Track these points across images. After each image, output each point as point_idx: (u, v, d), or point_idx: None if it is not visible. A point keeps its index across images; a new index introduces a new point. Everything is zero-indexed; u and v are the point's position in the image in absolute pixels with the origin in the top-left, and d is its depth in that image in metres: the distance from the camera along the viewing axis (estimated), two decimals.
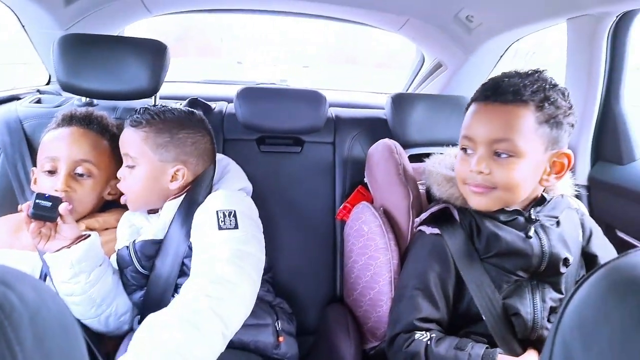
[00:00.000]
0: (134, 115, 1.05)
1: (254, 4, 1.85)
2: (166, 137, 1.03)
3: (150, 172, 1.03)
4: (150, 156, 1.03)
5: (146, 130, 1.03)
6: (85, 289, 0.93)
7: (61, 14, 1.50)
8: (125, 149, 1.05)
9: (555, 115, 0.86)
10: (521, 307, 0.90)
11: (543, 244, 0.91)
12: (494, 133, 0.87)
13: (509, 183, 0.88)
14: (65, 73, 1.27)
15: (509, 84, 0.87)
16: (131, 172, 1.04)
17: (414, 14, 1.68)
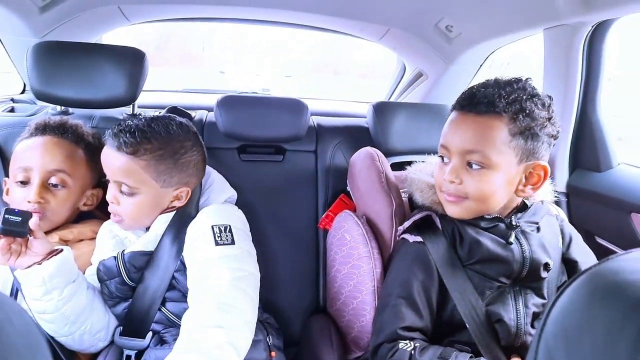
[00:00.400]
0: (123, 135, 0.95)
1: (234, 13, 1.84)
2: (169, 164, 0.99)
3: (152, 199, 1.00)
4: (152, 184, 0.98)
5: (145, 158, 0.96)
6: (58, 306, 0.89)
7: (36, 22, 1.47)
8: (119, 177, 0.97)
9: (531, 127, 0.86)
10: (504, 314, 0.90)
11: (524, 250, 0.91)
12: (466, 144, 0.88)
13: (480, 194, 0.88)
14: (39, 81, 1.24)
15: (484, 94, 0.87)
16: (128, 199, 0.98)
17: (395, 23, 1.70)
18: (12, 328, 0.34)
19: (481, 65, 1.74)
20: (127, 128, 0.97)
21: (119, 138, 0.96)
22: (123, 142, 0.95)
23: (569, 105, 1.26)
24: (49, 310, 0.89)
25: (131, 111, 1.39)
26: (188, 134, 1.03)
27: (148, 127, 0.98)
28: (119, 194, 0.98)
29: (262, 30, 2.67)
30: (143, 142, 0.96)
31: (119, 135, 0.96)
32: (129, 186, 0.97)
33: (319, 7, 1.64)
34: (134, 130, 0.96)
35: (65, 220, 1.09)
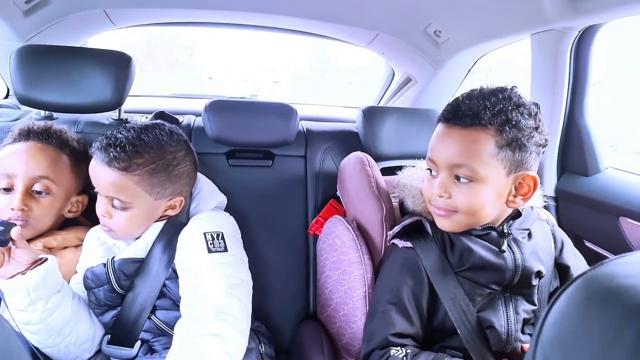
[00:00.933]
0: (113, 150, 0.92)
1: (222, 18, 1.83)
2: (162, 177, 0.97)
3: (145, 212, 0.98)
4: (145, 198, 0.96)
5: (138, 173, 0.93)
6: (43, 317, 0.86)
7: (20, 25, 1.44)
8: (110, 192, 0.95)
9: (518, 138, 0.84)
10: (495, 320, 0.90)
11: (516, 258, 0.91)
12: (453, 158, 0.86)
13: (469, 208, 0.87)
14: (23, 85, 1.21)
15: (469, 106, 0.85)
16: (121, 214, 0.96)
17: (384, 28, 1.70)
18: None
19: (469, 70, 1.76)
20: (116, 142, 0.93)
21: (109, 153, 0.92)
22: (114, 157, 0.92)
23: (556, 109, 1.27)
24: (34, 321, 0.86)
25: (117, 116, 1.37)
26: (180, 144, 1.02)
27: (138, 139, 0.94)
28: (111, 209, 0.96)
29: (249, 36, 2.67)
30: (135, 156, 0.93)
31: (108, 149, 0.92)
32: (122, 201, 0.95)
33: (308, 11, 1.64)
34: (124, 144, 0.92)
35: (49, 228, 1.06)
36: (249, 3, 1.59)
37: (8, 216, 0.99)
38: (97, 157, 0.94)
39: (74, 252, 1.05)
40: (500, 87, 0.89)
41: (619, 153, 2.39)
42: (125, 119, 1.38)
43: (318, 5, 1.58)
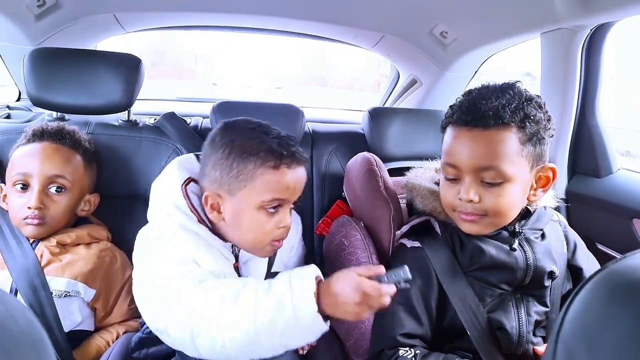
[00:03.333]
0: (294, 148, 0.87)
1: (229, 21, 1.85)
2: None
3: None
4: None
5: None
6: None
7: (32, 30, 1.47)
8: (296, 194, 0.90)
9: (537, 132, 0.84)
10: (506, 321, 0.88)
11: (528, 257, 0.90)
12: (479, 161, 0.84)
13: (500, 209, 0.85)
14: (35, 87, 1.23)
15: (488, 107, 0.83)
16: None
17: (389, 30, 1.70)
18: (14, 324, 0.34)
19: (476, 72, 1.75)
20: (290, 141, 0.88)
21: (294, 151, 0.87)
22: (299, 153, 0.88)
23: (567, 110, 1.26)
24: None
25: (127, 117, 1.38)
26: None
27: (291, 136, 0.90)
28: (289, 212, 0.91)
29: (253, 44, 2.71)
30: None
31: (290, 148, 0.86)
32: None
33: (313, 14, 1.65)
34: (296, 144, 0.89)
35: (64, 225, 1.09)
36: (255, 6, 1.60)
37: (25, 214, 1.02)
38: (287, 162, 0.85)
39: (87, 249, 1.07)
40: (508, 83, 0.88)
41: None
42: (135, 121, 1.39)
43: (324, 8, 1.59)
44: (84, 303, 1.04)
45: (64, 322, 0.99)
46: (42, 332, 0.38)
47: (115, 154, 1.28)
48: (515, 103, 0.83)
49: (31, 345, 0.35)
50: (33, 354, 0.35)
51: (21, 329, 0.34)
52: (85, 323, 1.05)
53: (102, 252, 1.09)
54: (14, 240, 1.03)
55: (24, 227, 1.03)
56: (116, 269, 1.10)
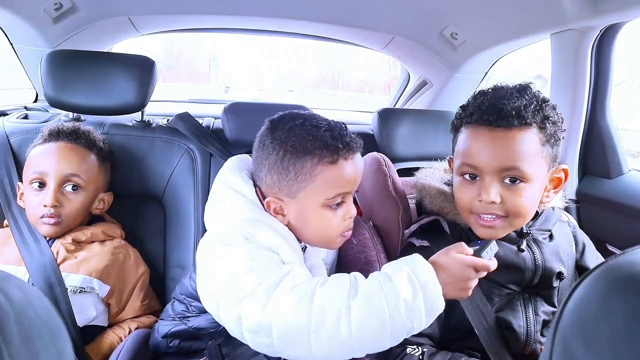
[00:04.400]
0: (347, 137, 0.83)
1: (242, 23, 1.87)
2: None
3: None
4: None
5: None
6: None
7: (49, 32, 1.50)
8: (357, 184, 0.87)
9: (555, 133, 0.84)
10: (514, 321, 0.88)
11: (536, 258, 0.89)
12: (502, 162, 0.82)
13: (520, 210, 0.84)
14: (53, 88, 1.27)
15: (511, 106, 0.81)
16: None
17: (399, 32, 1.71)
18: (33, 312, 0.34)
19: (486, 73, 1.75)
20: (342, 130, 0.85)
21: (349, 141, 0.83)
22: (354, 141, 0.85)
23: (577, 111, 1.25)
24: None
25: (140, 118, 1.41)
26: None
27: (339, 123, 0.87)
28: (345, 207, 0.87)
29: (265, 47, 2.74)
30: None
31: (344, 138, 0.83)
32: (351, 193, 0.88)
33: (325, 17, 1.66)
34: (344, 126, 0.87)
35: (78, 224, 1.11)
36: (267, 9, 1.62)
37: (42, 213, 1.04)
38: (344, 154, 0.82)
39: (101, 246, 1.10)
40: (524, 84, 0.87)
41: None
42: (148, 121, 1.42)
43: (336, 10, 1.60)
44: (99, 299, 1.06)
45: (79, 317, 1.01)
46: (59, 321, 0.39)
47: (129, 154, 1.31)
48: (534, 104, 0.83)
49: (50, 333, 0.36)
50: (52, 341, 0.36)
51: (40, 317, 0.35)
52: (99, 318, 1.07)
53: (116, 249, 1.11)
54: (31, 237, 1.06)
55: (40, 225, 1.06)
56: (129, 265, 1.13)
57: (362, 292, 0.70)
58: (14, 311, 0.32)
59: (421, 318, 0.70)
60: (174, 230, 1.29)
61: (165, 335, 0.97)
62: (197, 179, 1.31)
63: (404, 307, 0.69)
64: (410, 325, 0.70)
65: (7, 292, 0.33)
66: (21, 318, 0.33)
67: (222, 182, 0.89)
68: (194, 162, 1.32)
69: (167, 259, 1.27)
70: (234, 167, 0.91)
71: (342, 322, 0.68)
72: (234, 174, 0.89)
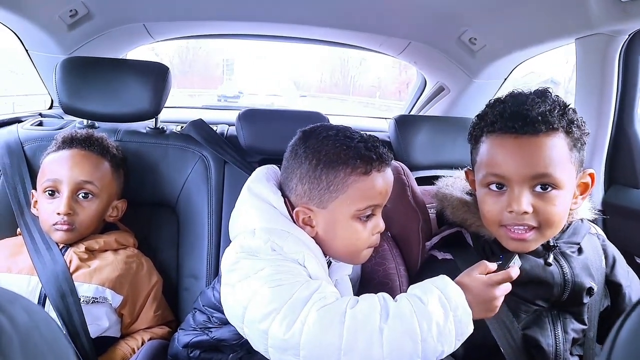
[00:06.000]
0: (383, 152, 0.83)
1: (256, 29, 1.86)
2: None
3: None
4: None
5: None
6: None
7: (64, 39, 1.51)
8: (387, 197, 0.86)
9: (580, 137, 0.82)
10: (542, 339, 0.85)
11: (565, 272, 0.86)
12: (532, 169, 0.79)
13: (553, 219, 0.81)
14: (67, 95, 1.26)
15: (536, 112, 0.79)
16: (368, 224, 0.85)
17: (416, 37, 1.68)
18: (39, 336, 0.34)
19: (506, 79, 1.71)
20: (375, 142, 0.84)
21: (383, 155, 0.83)
22: (388, 156, 0.84)
23: (604, 118, 1.21)
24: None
25: (154, 125, 1.40)
26: None
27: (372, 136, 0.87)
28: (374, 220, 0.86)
29: (278, 53, 2.75)
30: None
31: (380, 151, 0.83)
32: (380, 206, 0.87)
33: (340, 22, 1.64)
34: (380, 143, 0.85)
35: (93, 231, 1.10)
36: (282, 15, 1.61)
37: (55, 220, 1.03)
38: (377, 165, 0.82)
39: (114, 255, 1.08)
40: (542, 89, 0.84)
41: None
42: (162, 128, 1.41)
43: (351, 16, 1.58)
44: (112, 309, 1.05)
45: (91, 327, 0.99)
46: (67, 344, 0.37)
47: (143, 161, 1.30)
48: (558, 108, 0.80)
49: (55, 357, 0.35)
50: None
51: (46, 341, 0.34)
52: (111, 329, 1.05)
53: (129, 258, 1.10)
54: (43, 246, 1.05)
55: (53, 232, 1.05)
56: (142, 275, 1.11)
57: (394, 314, 0.68)
58: (18, 336, 0.31)
59: (452, 342, 0.69)
60: (187, 239, 1.27)
61: (186, 345, 0.95)
62: (210, 187, 1.29)
63: (436, 330, 0.67)
64: (441, 349, 0.68)
65: (12, 316, 0.32)
66: (26, 344, 0.31)
67: (250, 192, 0.87)
68: (208, 169, 1.31)
69: (180, 269, 1.25)
70: (262, 177, 0.90)
71: (374, 345, 0.66)
72: (262, 183, 0.87)
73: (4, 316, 0.31)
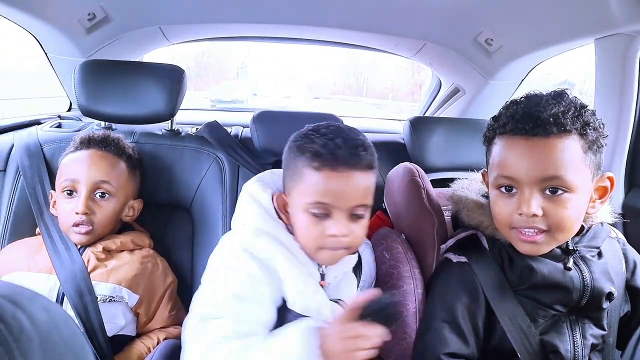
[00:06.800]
0: (361, 151, 0.81)
1: (271, 32, 1.87)
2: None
3: (368, 221, 0.88)
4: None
5: (373, 172, 0.86)
6: None
7: (83, 42, 1.54)
8: (363, 200, 0.83)
9: (597, 139, 0.80)
10: (560, 344, 0.83)
11: (585, 277, 0.84)
12: (542, 172, 0.78)
13: (565, 223, 0.80)
14: (85, 98, 1.28)
15: (548, 113, 0.78)
16: (360, 223, 0.85)
17: (431, 38, 1.67)
18: (58, 335, 0.34)
19: (523, 80, 1.68)
20: (351, 143, 0.82)
21: (359, 154, 0.81)
22: (366, 159, 0.82)
23: (624, 119, 1.19)
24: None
25: (169, 127, 1.41)
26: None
27: (363, 138, 0.86)
28: (351, 222, 0.83)
29: (292, 55, 2.75)
30: (371, 148, 0.85)
31: (356, 150, 0.81)
32: (368, 206, 0.85)
33: (355, 24, 1.64)
34: (360, 142, 0.83)
35: (109, 231, 1.12)
36: (298, 17, 1.61)
37: (73, 220, 1.05)
38: (329, 163, 0.80)
39: (130, 255, 1.10)
40: (559, 90, 0.83)
41: None
42: (177, 130, 1.42)
43: (365, 17, 1.58)
44: (128, 308, 1.06)
45: (108, 326, 1.01)
46: (85, 342, 0.38)
47: (158, 163, 1.31)
48: (572, 110, 0.79)
49: (73, 356, 0.35)
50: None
51: (65, 341, 0.34)
52: (127, 328, 1.07)
53: (145, 258, 1.11)
54: (62, 245, 1.07)
55: (72, 233, 1.07)
56: (158, 275, 1.12)
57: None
58: (38, 335, 0.31)
59: None
60: (201, 239, 1.28)
61: None
62: (225, 188, 1.30)
63: None
64: None
65: (32, 315, 0.32)
66: (45, 343, 0.32)
67: (244, 190, 0.92)
68: (223, 171, 1.32)
69: (195, 269, 1.26)
70: (259, 177, 0.95)
71: None
72: (256, 182, 0.92)
73: (25, 315, 0.31)
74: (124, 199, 1.14)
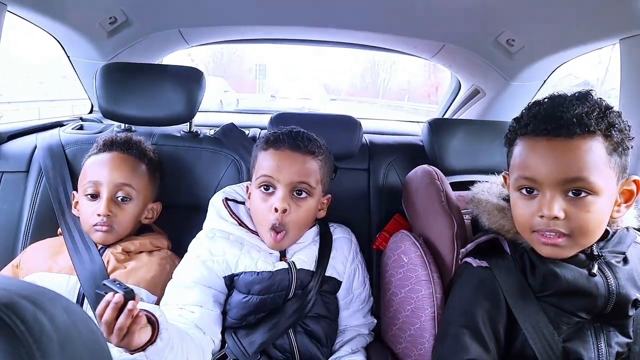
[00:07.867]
0: (300, 138, 1.03)
1: (290, 33, 1.87)
2: (328, 168, 1.09)
3: (315, 205, 1.06)
4: (320, 187, 1.06)
5: (320, 159, 1.05)
6: None
7: (104, 45, 1.56)
8: (301, 177, 1.01)
9: (622, 141, 0.78)
10: (584, 352, 0.81)
11: (610, 283, 0.81)
12: (564, 173, 0.77)
13: (587, 227, 0.78)
14: (106, 100, 1.31)
15: (571, 114, 0.76)
16: (303, 204, 1.02)
17: (451, 39, 1.64)
18: (78, 335, 0.34)
19: (545, 81, 1.65)
20: (296, 133, 1.04)
21: (296, 140, 1.02)
22: (307, 146, 1.02)
23: None
24: None
25: (188, 129, 1.42)
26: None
27: (309, 135, 1.07)
28: (291, 200, 1.01)
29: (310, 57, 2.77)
30: (317, 144, 1.05)
31: (297, 137, 1.03)
32: (311, 186, 1.02)
33: (374, 26, 1.62)
34: (303, 134, 1.05)
35: (129, 233, 1.14)
36: (316, 19, 1.60)
37: (95, 221, 1.07)
38: (273, 144, 1.03)
39: (149, 257, 1.11)
40: (585, 91, 0.81)
41: None
42: (196, 132, 1.43)
43: (385, 19, 1.56)
44: None
45: None
46: (104, 343, 0.38)
47: (177, 164, 1.33)
48: (597, 110, 0.77)
49: (93, 356, 0.35)
50: None
51: (84, 342, 0.35)
52: None
53: (163, 260, 1.12)
54: (83, 246, 1.09)
55: (93, 233, 1.09)
56: None
57: None
58: (58, 336, 0.31)
59: None
60: None
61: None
62: None
63: None
64: None
65: (53, 315, 0.32)
66: (65, 343, 0.32)
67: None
68: (240, 173, 1.33)
69: None
70: (222, 190, 1.17)
71: None
72: (218, 193, 1.15)
73: (45, 316, 0.31)
74: (144, 201, 1.15)
